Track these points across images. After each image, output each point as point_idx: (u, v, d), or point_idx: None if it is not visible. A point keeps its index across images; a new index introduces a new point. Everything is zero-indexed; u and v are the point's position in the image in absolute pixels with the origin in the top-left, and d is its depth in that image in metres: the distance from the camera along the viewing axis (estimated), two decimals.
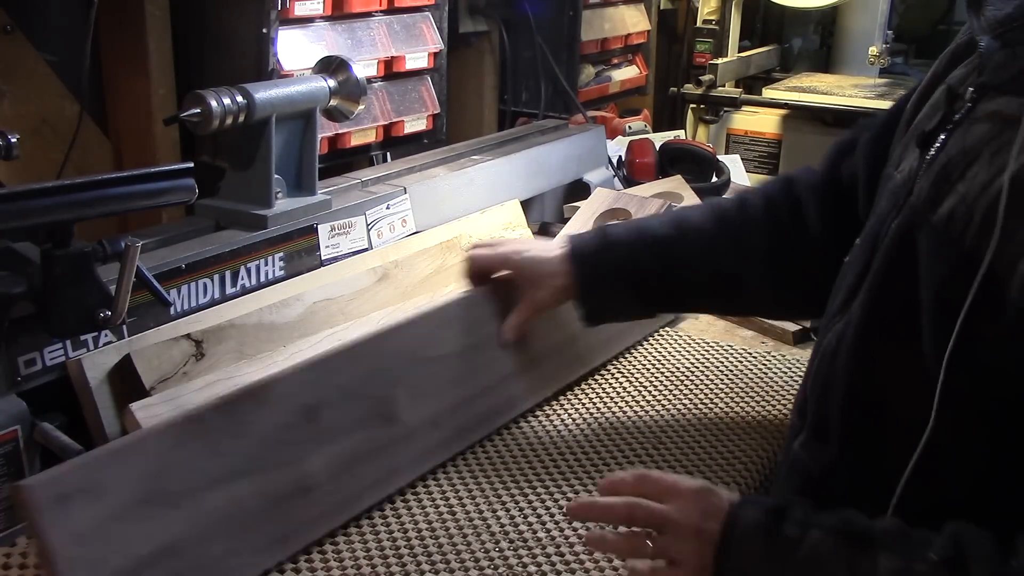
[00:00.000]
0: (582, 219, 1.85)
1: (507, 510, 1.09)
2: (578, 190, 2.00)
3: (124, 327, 1.11)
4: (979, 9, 0.85)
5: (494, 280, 1.28)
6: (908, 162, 0.93)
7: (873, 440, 0.89)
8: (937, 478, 0.83)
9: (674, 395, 1.36)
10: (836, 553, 0.81)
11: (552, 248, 1.26)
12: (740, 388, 1.39)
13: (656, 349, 1.50)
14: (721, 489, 0.90)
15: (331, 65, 1.42)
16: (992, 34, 0.84)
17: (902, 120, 1.02)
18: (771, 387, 1.39)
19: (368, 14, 1.74)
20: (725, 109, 3.29)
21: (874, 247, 0.92)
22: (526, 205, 1.75)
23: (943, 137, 0.87)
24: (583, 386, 1.38)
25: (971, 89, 0.86)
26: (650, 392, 1.37)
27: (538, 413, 1.30)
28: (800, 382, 1.09)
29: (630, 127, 2.53)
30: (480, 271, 1.29)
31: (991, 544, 0.77)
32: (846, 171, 1.17)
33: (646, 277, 1.23)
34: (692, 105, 3.31)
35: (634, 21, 2.68)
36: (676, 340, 1.53)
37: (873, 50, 3.31)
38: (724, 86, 3.31)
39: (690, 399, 1.35)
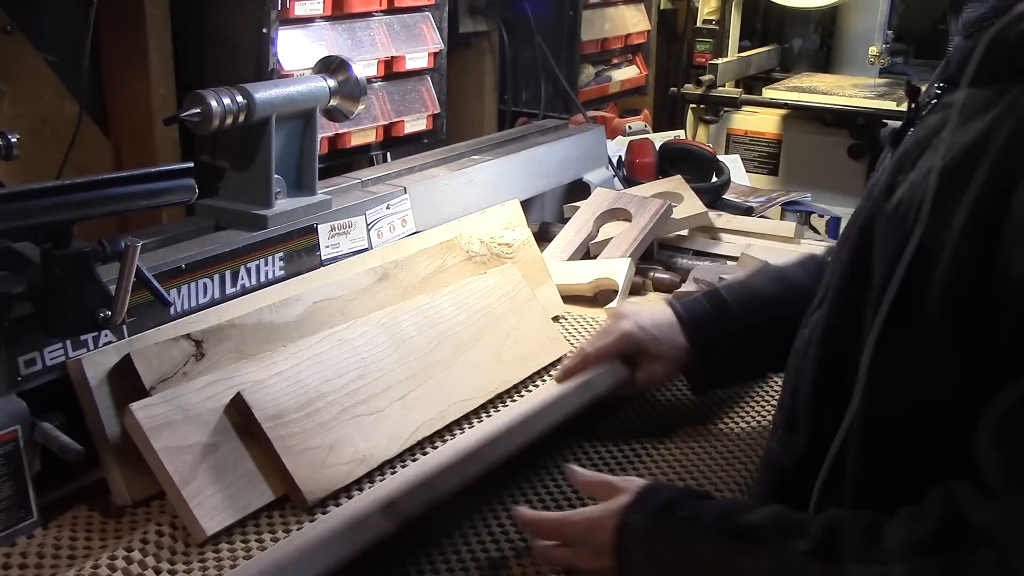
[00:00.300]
0: (582, 219, 1.85)
1: (507, 510, 1.09)
2: (578, 190, 2.00)
3: (124, 327, 1.11)
4: (959, 12, 0.86)
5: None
6: (884, 162, 0.95)
7: (836, 429, 0.89)
8: (870, 465, 0.85)
9: (674, 395, 1.36)
10: (715, 553, 0.85)
11: (664, 315, 1.23)
12: (740, 389, 1.39)
13: None
14: (609, 508, 0.93)
15: (331, 65, 1.42)
16: (964, 35, 0.85)
17: None
18: (772, 388, 1.39)
19: (368, 14, 1.74)
20: (725, 109, 3.29)
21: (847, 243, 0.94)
22: (526, 205, 1.75)
23: (909, 133, 0.89)
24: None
25: (936, 86, 0.88)
26: (650, 391, 1.37)
27: None
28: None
29: (630, 127, 2.54)
30: (603, 358, 1.24)
31: (864, 528, 0.79)
32: None
33: (760, 338, 1.22)
34: (692, 105, 3.31)
35: (634, 21, 2.68)
36: None
37: (873, 50, 3.32)
38: (724, 86, 3.31)
39: (690, 398, 1.35)
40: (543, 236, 1.87)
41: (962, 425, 0.77)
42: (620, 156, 2.21)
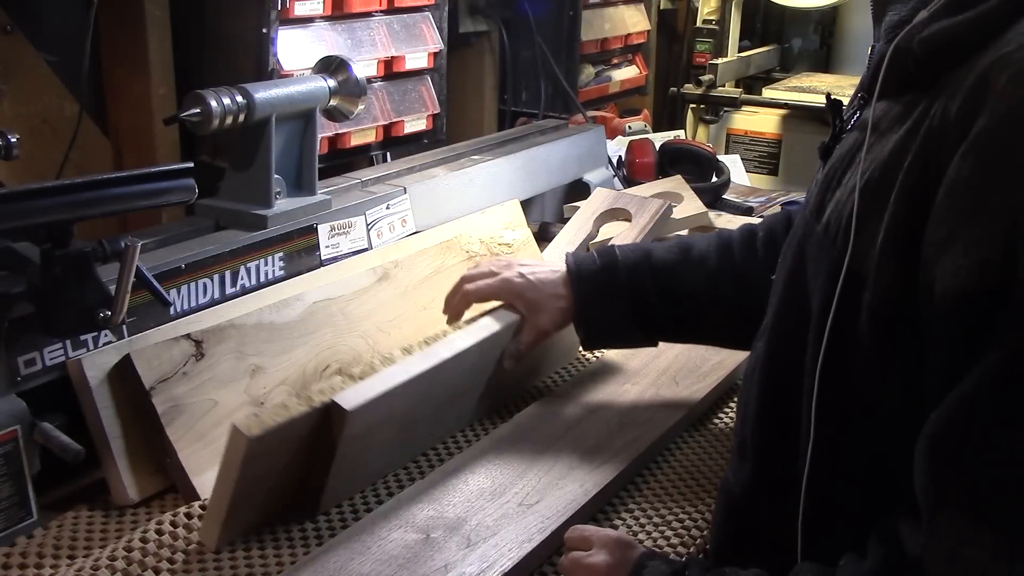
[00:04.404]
0: (582, 219, 1.85)
1: None
2: (578, 190, 2.00)
3: (124, 327, 1.11)
4: (882, 15, 0.82)
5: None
6: (817, 177, 0.92)
7: (781, 457, 0.87)
8: (828, 492, 0.82)
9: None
10: None
11: (553, 268, 1.24)
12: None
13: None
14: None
15: (331, 65, 1.42)
16: (886, 39, 0.80)
17: None
18: None
19: (368, 14, 1.74)
20: (725, 109, 3.29)
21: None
22: (526, 205, 1.75)
23: (836, 148, 0.87)
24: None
25: (858, 97, 0.85)
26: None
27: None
28: None
29: (630, 127, 2.53)
30: (480, 302, 1.25)
31: None
32: None
33: (646, 301, 1.21)
34: (692, 105, 3.31)
35: (634, 21, 2.69)
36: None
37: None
38: (724, 86, 3.31)
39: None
40: (543, 236, 1.87)
41: (908, 456, 0.72)
42: (620, 156, 2.21)
